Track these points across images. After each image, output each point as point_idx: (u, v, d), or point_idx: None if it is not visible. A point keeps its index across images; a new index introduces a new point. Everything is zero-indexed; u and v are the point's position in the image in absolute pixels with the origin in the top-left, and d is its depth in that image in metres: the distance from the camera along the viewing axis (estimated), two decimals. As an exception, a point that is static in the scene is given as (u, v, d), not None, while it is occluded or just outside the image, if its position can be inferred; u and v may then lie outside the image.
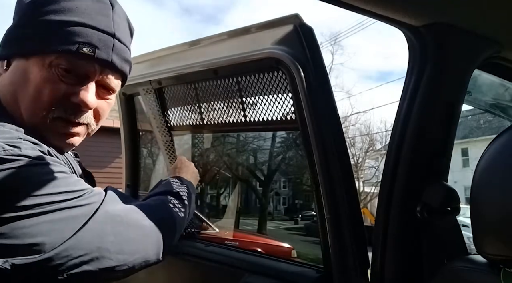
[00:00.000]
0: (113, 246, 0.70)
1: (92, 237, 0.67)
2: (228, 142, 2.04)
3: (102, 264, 0.68)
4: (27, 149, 0.65)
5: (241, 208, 2.23)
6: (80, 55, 0.73)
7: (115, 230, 0.71)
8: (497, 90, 1.45)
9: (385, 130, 19.00)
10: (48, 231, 0.63)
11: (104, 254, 0.68)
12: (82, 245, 0.66)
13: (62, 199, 0.66)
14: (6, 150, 0.62)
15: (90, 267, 0.67)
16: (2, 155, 0.61)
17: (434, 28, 0.93)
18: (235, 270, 1.32)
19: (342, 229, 1.05)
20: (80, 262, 0.66)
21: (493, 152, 0.69)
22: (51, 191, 0.65)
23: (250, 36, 1.21)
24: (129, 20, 0.86)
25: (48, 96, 0.73)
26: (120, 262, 0.71)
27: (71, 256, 0.64)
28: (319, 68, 1.07)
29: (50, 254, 0.63)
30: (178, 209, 0.89)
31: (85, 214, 0.68)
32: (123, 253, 0.72)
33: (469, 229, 0.71)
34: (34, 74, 0.73)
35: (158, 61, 1.55)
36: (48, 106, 0.74)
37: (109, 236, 0.70)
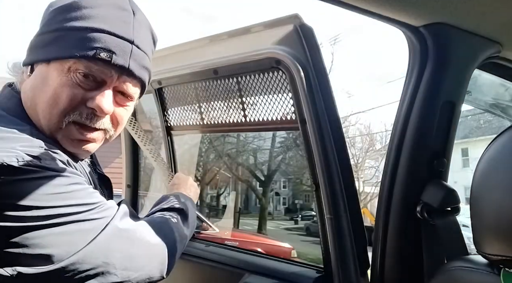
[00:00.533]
0: (119, 262, 0.70)
1: (100, 252, 0.68)
2: (228, 142, 2.04)
3: (107, 280, 0.69)
4: (46, 160, 0.66)
5: (241, 208, 2.23)
6: (97, 60, 0.73)
7: (122, 246, 0.72)
8: (497, 90, 1.45)
9: (385, 130, 18.99)
10: (59, 243, 0.64)
11: (109, 270, 0.69)
12: (90, 259, 0.66)
13: (76, 211, 0.67)
14: (24, 161, 0.62)
15: (95, 281, 0.67)
16: (20, 166, 0.62)
17: (434, 28, 0.93)
18: (235, 270, 1.32)
19: (342, 229, 1.05)
20: (85, 276, 0.66)
21: (493, 152, 0.69)
22: (65, 203, 0.66)
23: (250, 36, 1.21)
24: (152, 29, 0.85)
25: (65, 100, 0.74)
26: (124, 278, 0.71)
27: (77, 269, 0.65)
28: (319, 68, 1.07)
29: (58, 266, 0.63)
30: (181, 227, 0.90)
31: (95, 228, 0.69)
32: (128, 269, 0.72)
33: (469, 229, 0.71)
34: (53, 79, 0.74)
35: (158, 61, 1.55)
36: (64, 110, 0.74)
37: (116, 252, 0.70)
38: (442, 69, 0.96)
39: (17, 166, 0.61)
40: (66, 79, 0.74)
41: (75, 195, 0.68)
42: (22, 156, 0.63)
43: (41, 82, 0.75)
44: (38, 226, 0.62)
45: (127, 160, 1.78)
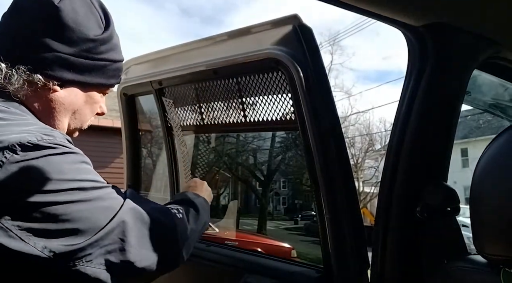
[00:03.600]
0: (134, 240, 0.73)
1: (119, 229, 0.71)
2: (227, 142, 2.04)
3: (125, 256, 0.71)
4: (60, 138, 0.70)
5: (241, 208, 2.23)
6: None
7: (137, 225, 0.75)
8: (497, 90, 1.45)
9: (385, 130, 19.00)
10: (85, 219, 0.66)
11: (126, 247, 0.71)
12: (110, 236, 0.69)
13: (96, 186, 0.71)
14: (43, 139, 0.66)
15: (113, 257, 0.69)
16: (41, 143, 0.65)
17: (434, 28, 0.93)
18: (235, 270, 1.32)
19: (342, 229, 1.05)
20: (105, 251, 0.68)
21: (492, 152, 0.69)
22: (85, 178, 0.69)
23: (250, 36, 1.22)
24: None
25: (90, 115, 0.89)
26: (140, 257, 0.74)
27: (99, 245, 0.67)
28: (318, 68, 1.07)
29: (86, 242, 0.65)
30: (191, 218, 0.92)
31: (114, 206, 0.72)
32: (144, 248, 0.75)
33: (469, 229, 0.71)
34: (95, 98, 0.87)
35: (159, 62, 1.55)
36: (86, 121, 0.89)
37: (132, 231, 0.73)
38: (441, 69, 0.97)
39: (40, 144, 0.65)
40: (98, 98, 0.88)
41: (91, 172, 0.72)
42: (40, 136, 0.66)
43: (81, 99, 0.85)
44: (64, 201, 0.65)
45: (128, 160, 1.78)
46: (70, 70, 0.79)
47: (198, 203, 0.98)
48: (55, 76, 0.78)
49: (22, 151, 0.63)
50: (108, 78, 0.86)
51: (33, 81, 0.76)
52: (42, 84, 0.77)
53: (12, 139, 0.64)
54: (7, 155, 0.62)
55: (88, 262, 0.66)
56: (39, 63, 0.76)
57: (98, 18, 0.83)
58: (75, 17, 0.78)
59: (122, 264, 0.71)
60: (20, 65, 0.74)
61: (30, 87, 0.76)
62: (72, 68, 0.80)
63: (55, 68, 0.78)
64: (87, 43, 0.80)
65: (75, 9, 0.79)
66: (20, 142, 0.63)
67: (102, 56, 0.83)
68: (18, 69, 0.74)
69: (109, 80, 0.87)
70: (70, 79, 0.80)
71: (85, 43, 0.80)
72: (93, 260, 0.67)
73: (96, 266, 0.67)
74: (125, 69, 1.69)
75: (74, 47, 0.79)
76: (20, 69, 0.74)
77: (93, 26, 0.82)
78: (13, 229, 0.60)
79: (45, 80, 0.77)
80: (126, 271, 0.73)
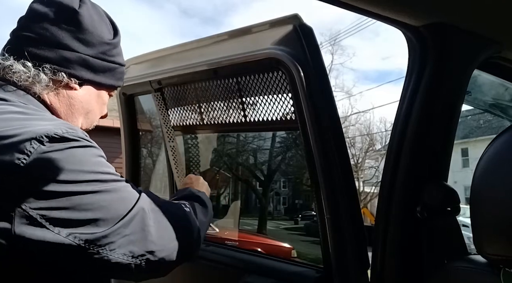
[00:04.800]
0: (153, 230, 0.75)
1: (138, 220, 0.73)
2: (227, 142, 2.04)
3: (146, 246, 0.73)
4: (81, 133, 0.73)
5: (241, 208, 2.23)
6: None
7: (154, 216, 0.78)
8: (497, 90, 1.45)
9: (385, 130, 19.00)
10: (106, 208, 0.69)
11: (147, 236, 0.74)
12: (130, 224, 0.71)
13: (115, 178, 0.74)
14: (68, 131, 0.69)
15: (135, 247, 0.71)
16: (66, 135, 0.68)
17: (434, 28, 0.93)
18: (235, 270, 1.32)
19: (342, 229, 1.05)
20: (128, 241, 0.70)
21: (493, 152, 0.69)
22: (106, 170, 0.73)
23: (250, 36, 1.21)
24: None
25: (99, 115, 0.95)
26: (160, 247, 0.76)
27: (121, 234, 0.70)
28: (319, 68, 1.07)
29: (109, 231, 0.68)
30: (199, 212, 0.96)
31: (132, 198, 0.75)
32: (162, 238, 0.77)
33: (469, 229, 0.72)
34: (103, 97, 0.94)
35: (158, 62, 1.55)
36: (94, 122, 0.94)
37: (150, 221, 0.76)
38: (442, 69, 0.97)
39: (65, 136, 0.68)
40: (106, 99, 0.95)
41: (110, 166, 0.75)
42: (65, 129, 0.69)
43: (95, 99, 0.91)
44: (86, 190, 0.67)
45: (127, 160, 1.78)
46: (89, 70, 0.86)
47: (203, 196, 1.03)
48: (76, 75, 0.84)
49: (49, 142, 0.66)
50: (117, 80, 0.94)
51: (57, 79, 0.82)
52: (65, 83, 0.83)
53: (39, 130, 0.66)
54: (34, 145, 0.64)
55: (112, 251, 0.68)
56: (63, 63, 0.82)
57: (108, 25, 0.91)
58: (92, 22, 0.86)
59: (145, 254, 0.73)
60: (46, 64, 0.80)
61: (53, 85, 0.82)
62: (91, 68, 0.86)
63: (77, 68, 0.84)
64: (104, 46, 0.87)
65: (91, 15, 0.86)
66: (47, 134, 0.66)
67: (114, 59, 0.91)
68: (44, 68, 0.80)
69: (118, 82, 0.95)
70: (89, 78, 0.87)
71: (102, 46, 0.87)
72: (116, 249, 0.69)
73: (120, 256, 0.69)
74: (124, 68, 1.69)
75: (93, 48, 0.86)
76: (46, 68, 0.80)
77: (106, 31, 0.89)
78: (38, 217, 0.62)
79: (67, 78, 0.82)
80: (147, 262, 0.74)
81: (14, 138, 0.64)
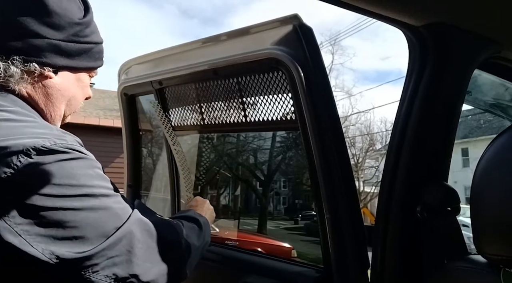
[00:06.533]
0: (141, 252, 0.71)
1: (126, 240, 0.69)
2: (227, 142, 2.04)
3: (131, 269, 0.69)
4: (72, 142, 0.70)
5: (241, 208, 2.23)
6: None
7: (143, 237, 0.73)
8: (497, 90, 1.45)
9: (385, 130, 18.99)
10: (92, 226, 0.65)
11: (133, 259, 0.70)
12: (117, 246, 0.68)
13: (105, 193, 0.70)
14: (56, 143, 0.66)
15: (119, 270, 0.68)
16: (55, 147, 0.65)
17: (434, 28, 0.93)
18: (235, 270, 1.32)
19: (342, 229, 1.05)
20: (112, 263, 0.67)
21: (493, 152, 0.69)
22: (96, 184, 0.69)
23: (250, 36, 1.21)
24: None
25: (82, 99, 0.90)
26: (145, 270, 0.72)
27: (106, 256, 0.66)
28: (319, 68, 1.07)
29: (92, 251, 0.64)
30: (197, 236, 0.92)
31: (122, 215, 0.71)
32: (148, 261, 0.73)
33: (469, 229, 0.71)
34: (84, 81, 0.88)
35: (159, 62, 1.55)
36: (78, 106, 0.89)
37: (138, 242, 0.72)
38: (442, 69, 0.97)
39: (53, 148, 0.65)
40: (87, 81, 0.89)
41: (102, 178, 0.72)
42: (53, 140, 0.66)
43: (74, 84, 0.86)
44: (73, 206, 0.64)
45: (128, 160, 1.78)
46: (63, 55, 0.80)
47: (201, 221, 0.98)
48: (49, 63, 0.78)
49: (36, 155, 0.63)
50: (95, 60, 0.88)
51: (30, 70, 0.76)
52: (38, 73, 0.77)
53: (26, 143, 0.64)
54: (21, 159, 0.62)
55: (95, 273, 0.65)
56: (33, 52, 0.76)
57: (78, 2, 0.84)
58: (59, 2, 0.78)
59: (128, 277, 0.69)
60: (15, 56, 0.74)
61: (28, 77, 0.76)
62: (64, 53, 0.80)
63: (48, 55, 0.78)
64: (74, 27, 0.80)
65: None
66: (34, 146, 0.63)
67: (88, 39, 0.84)
68: (14, 61, 0.74)
69: (96, 63, 0.89)
70: (63, 64, 0.81)
71: (72, 27, 0.80)
72: (100, 271, 0.65)
73: (103, 278, 0.66)
74: (125, 69, 1.69)
75: (63, 32, 0.79)
76: (15, 60, 0.74)
77: (75, 10, 0.82)
78: (22, 233, 0.60)
79: (40, 68, 0.77)
80: None
81: (1, 151, 0.62)
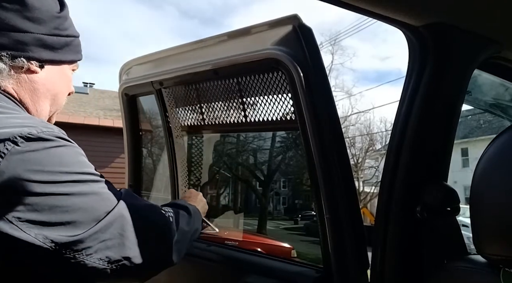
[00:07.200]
0: (132, 235, 0.73)
1: (117, 223, 0.71)
2: (227, 142, 2.05)
3: (123, 252, 0.71)
4: (58, 131, 0.70)
5: (241, 208, 2.23)
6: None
7: (134, 221, 0.75)
8: (497, 90, 1.46)
9: (385, 130, 18.99)
10: (83, 210, 0.67)
11: (124, 242, 0.71)
12: (109, 230, 0.69)
13: (93, 179, 0.71)
14: (43, 131, 0.67)
15: (112, 253, 0.69)
16: (42, 135, 0.66)
17: (434, 28, 0.93)
18: (235, 270, 1.32)
19: (342, 229, 1.05)
20: (105, 246, 0.68)
21: (493, 152, 0.69)
22: (85, 170, 0.70)
23: (250, 37, 1.22)
24: None
25: (66, 94, 0.90)
26: (136, 253, 0.73)
27: (99, 239, 0.67)
28: (319, 68, 1.07)
29: (84, 235, 0.65)
30: (185, 221, 0.93)
31: (112, 200, 0.73)
32: (139, 244, 0.74)
33: (469, 229, 0.72)
34: (68, 74, 0.89)
35: (160, 62, 1.56)
36: (62, 103, 0.89)
37: (129, 226, 0.73)
38: (442, 69, 0.97)
39: (41, 136, 0.66)
40: (70, 76, 0.90)
41: (89, 165, 0.73)
42: (40, 128, 0.67)
43: (59, 78, 0.86)
44: (63, 192, 0.65)
45: (129, 160, 1.78)
46: (47, 49, 0.81)
47: (191, 208, 0.99)
48: (36, 57, 0.79)
49: (24, 143, 0.64)
50: (76, 53, 0.89)
51: (17, 65, 0.77)
52: (26, 68, 0.78)
53: (14, 131, 0.64)
54: (8, 146, 0.62)
55: (88, 255, 0.66)
56: (19, 47, 0.77)
57: None
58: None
59: (121, 259, 0.71)
60: (2, 52, 0.75)
61: (14, 73, 0.77)
62: (48, 47, 0.81)
63: (34, 49, 0.79)
64: (55, 21, 0.82)
65: None
66: (21, 134, 0.64)
67: (68, 32, 0.85)
68: (2, 57, 0.75)
69: (77, 55, 0.89)
70: (49, 58, 0.82)
71: (53, 20, 0.81)
72: (93, 254, 0.67)
73: (96, 261, 0.67)
74: (126, 69, 1.69)
75: (45, 26, 0.80)
76: (4, 56, 0.75)
77: (52, 4, 0.83)
78: (13, 220, 0.61)
79: (28, 62, 0.78)
80: (123, 267, 0.72)
81: None
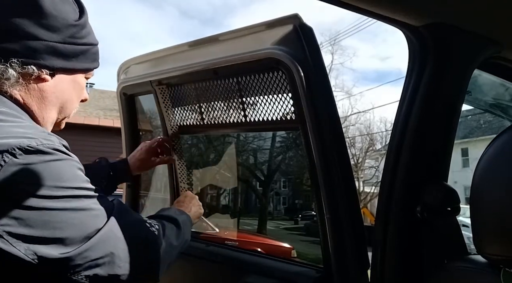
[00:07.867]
0: (123, 253, 0.72)
1: (108, 241, 0.70)
2: (227, 142, 2.04)
3: (112, 270, 0.70)
4: (58, 144, 0.70)
5: (241, 208, 2.23)
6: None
7: (125, 238, 0.74)
8: (497, 90, 1.45)
9: (385, 130, 19.00)
10: (76, 227, 0.66)
11: (115, 260, 0.71)
12: (100, 247, 0.69)
13: (87, 194, 0.70)
14: (43, 143, 0.66)
15: (101, 271, 0.69)
16: (41, 148, 0.65)
17: (434, 28, 0.93)
18: (235, 270, 1.32)
19: (342, 229, 1.05)
20: (95, 264, 0.68)
21: (493, 152, 0.69)
22: (80, 185, 0.70)
23: (250, 36, 1.21)
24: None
25: (77, 102, 0.90)
26: (125, 271, 0.73)
27: (89, 257, 0.67)
28: (319, 68, 1.07)
29: (74, 252, 0.65)
30: (175, 235, 0.92)
31: (103, 216, 0.72)
32: (128, 261, 0.74)
33: (469, 229, 0.72)
34: (80, 82, 0.88)
35: (159, 62, 1.55)
36: (73, 110, 0.89)
37: (120, 243, 0.73)
38: (442, 69, 0.97)
39: (39, 149, 0.65)
40: (83, 84, 0.90)
41: (85, 180, 0.72)
42: (40, 140, 0.66)
43: (70, 86, 0.85)
44: (57, 207, 0.65)
45: (127, 160, 1.77)
46: (60, 57, 0.80)
47: (181, 220, 0.97)
48: (47, 65, 0.78)
49: (22, 155, 0.63)
50: (92, 61, 0.88)
51: (27, 72, 0.76)
52: (36, 76, 0.77)
53: (12, 142, 0.64)
54: (6, 158, 0.62)
55: (76, 273, 0.66)
56: (31, 54, 0.76)
57: (73, 4, 0.84)
58: (54, 4, 0.79)
59: (108, 277, 0.70)
60: (13, 58, 0.74)
61: (23, 81, 0.76)
62: (61, 55, 0.80)
63: (46, 57, 0.78)
64: (70, 29, 0.81)
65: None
66: (20, 146, 0.63)
67: (84, 40, 0.84)
68: (12, 63, 0.74)
69: (93, 64, 0.89)
70: (60, 66, 0.81)
71: (68, 29, 0.80)
72: (82, 271, 0.66)
73: (83, 279, 0.67)
74: (124, 69, 1.69)
75: (60, 34, 0.79)
76: (14, 62, 0.74)
77: (71, 12, 0.82)
78: (4, 235, 0.60)
79: (38, 70, 0.77)
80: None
81: None
